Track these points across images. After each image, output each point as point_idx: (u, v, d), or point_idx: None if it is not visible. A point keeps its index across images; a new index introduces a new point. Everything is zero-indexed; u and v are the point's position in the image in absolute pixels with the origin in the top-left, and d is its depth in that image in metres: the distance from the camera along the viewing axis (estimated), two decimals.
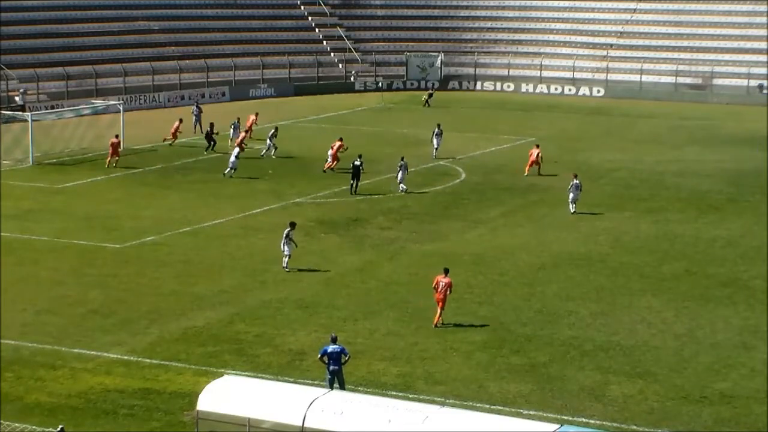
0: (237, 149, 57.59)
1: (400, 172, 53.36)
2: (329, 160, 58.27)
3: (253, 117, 67.71)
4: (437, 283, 34.20)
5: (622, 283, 39.09)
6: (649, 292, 37.94)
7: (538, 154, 58.37)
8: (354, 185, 52.88)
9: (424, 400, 27.28)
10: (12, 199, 50.66)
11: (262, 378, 27.96)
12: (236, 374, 27.48)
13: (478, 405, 27.49)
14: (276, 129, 63.81)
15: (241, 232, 45.69)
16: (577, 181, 49.54)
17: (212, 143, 63.71)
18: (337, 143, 58.78)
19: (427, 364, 30.86)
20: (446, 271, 34.67)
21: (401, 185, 53.22)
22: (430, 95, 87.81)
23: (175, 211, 49.02)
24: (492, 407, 27.47)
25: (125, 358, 30.84)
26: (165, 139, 65.34)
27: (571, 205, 49.45)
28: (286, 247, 39.42)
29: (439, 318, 34.04)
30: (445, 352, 31.80)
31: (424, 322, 34.30)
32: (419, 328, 33.81)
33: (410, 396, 27.75)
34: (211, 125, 64.46)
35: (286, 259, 39.49)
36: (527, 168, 58.27)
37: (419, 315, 35.03)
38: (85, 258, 41.30)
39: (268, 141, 62.41)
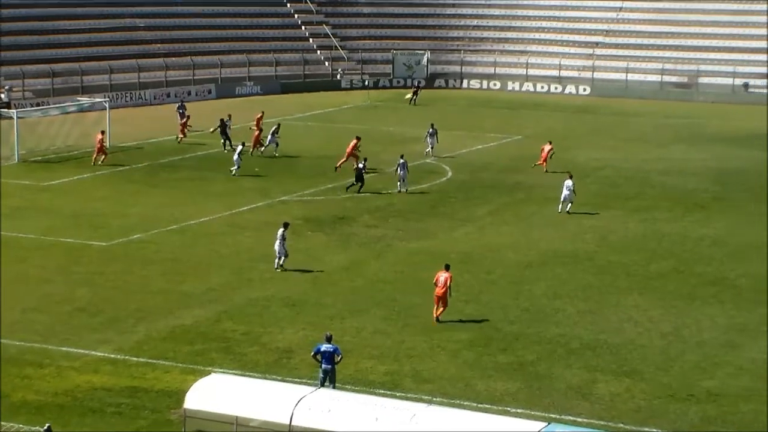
0: (240, 147, 57.35)
1: (401, 170, 52.88)
2: (344, 158, 57.70)
3: (259, 115, 67.66)
4: (437, 279, 34.31)
5: (609, 282, 39.18)
6: (636, 291, 38.03)
7: (549, 150, 58.65)
8: (353, 185, 52.50)
9: (412, 398, 27.25)
10: None
11: (250, 376, 27.90)
12: (223, 372, 27.46)
13: (465, 403, 27.47)
14: (278, 126, 63.84)
15: (228, 230, 45.64)
16: (571, 182, 49.39)
17: (227, 139, 63.50)
18: (353, 141, 58.34)
19: (414, 362, 30.88)
20: (447, 267, 34.84)
21: (403, 183, 52.79)
22: (416, 93, 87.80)
23: (162, 209, 48.93)
24: (479, 405, 27.49)
25: (112, 356, 30.77)
26: (179, 140, 65.45)
27: (560, 205, 49.34)
28: (278, 247, 39.18)
29: (440, 312, 34.20)
30: (433, 351, 31.82)
31: (411, 320, 34.33)
32: (406, 326, 33.83)
33: (397, 394, 27.72)
34: (222, 121, 64.36)
35: (278, 260, 39.20)
36: (544, 164, 58.60)
37: (406, 313, 35.06)
38: (71, 256, 41.20)
39: (269, 137, 62.24)
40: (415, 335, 33.09)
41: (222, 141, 63.59)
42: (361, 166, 53.26)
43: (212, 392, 23.33)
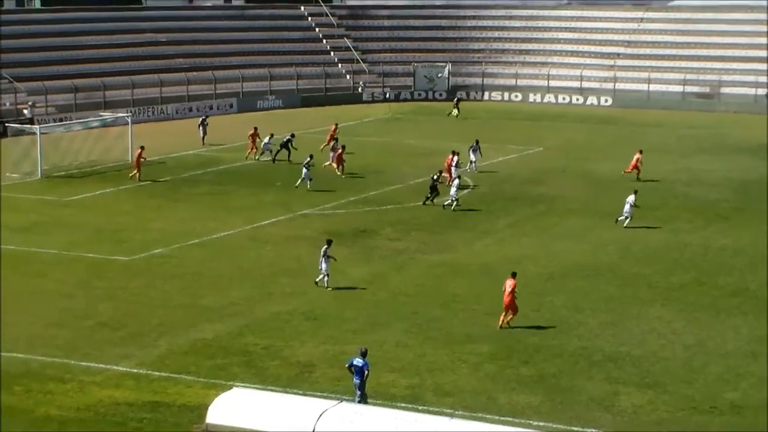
0: (308, 159, 56.85)
1: (455, 188, 52.27)
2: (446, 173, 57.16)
3: (333, 127, 68.01)
4: (505, 287, 34.90)
5: (631, 293, 39.04)
6: (658, 302, 37.89)
7: (638, 159, 59.44)
8: (429, 198, 52.71)
9: (433, 411, 27.25)
10: (21, 212, 50.76)
11: (271, 390, 27.97)
12: (245, 387, 27.45)
13: (487, 416, 27.45)
14: (336, 141, 63.78)
15: (250, 244, 45.71)
16: (633, 197, 49.02)
17: (288, 152, 63.83)
18: (450, 156, 57.97)
19: (435, 375, 30.84)
20: (513, 275, 35.29)
21: (455, 199, 52.24)
22: (456, 106, 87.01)
23: (183, 224, 49.06)
24: (501, 418, 27.44)
25: (134, 371, 30.85)
26: (247, 156, 65.43)
27: (621, 218, 48.87)
28: (324, 265, 38.88)
29: (504, 320, 34.78)
30: (454, 364, 31.77)
31: (433, 333, 34.31)
32: (428, 340, 33.80)
33: (419, 408, 27.74)
34: (292, 135, 65.04)
35: (325, 279, 38.81)
36: (635, 171, 59.40)
37: (428, 326, 35.04)
38: (93, 271, 41.34)
39: (330, 153, 62.01)
40: (436, 348, 33.06)
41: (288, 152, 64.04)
42: (435, 177, 53.27)
43: (234, 406, 23.39)
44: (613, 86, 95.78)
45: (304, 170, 56.22)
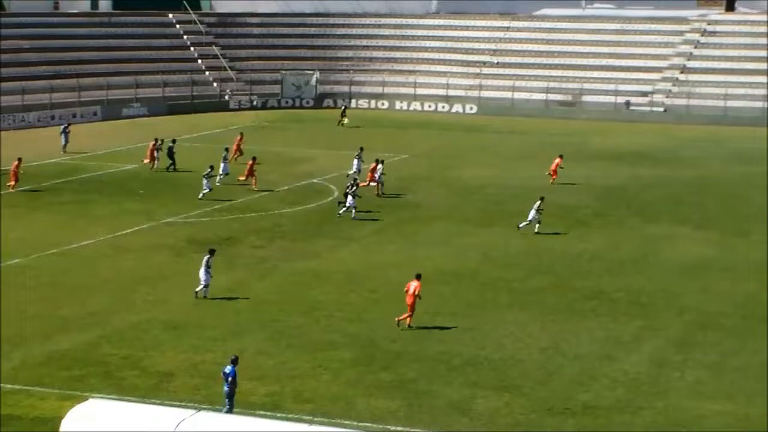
0: (209, 169, 56.17)
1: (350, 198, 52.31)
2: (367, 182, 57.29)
3: (239, 137, 67.78)
4: (408, 288, 35.79)
5: (490, 298, 39.67)
6: (516, 306, 38.56)
7: (558, 163, 61.85)
8: (341, 203, 52.69)
9: (293, 418, 27.33)
10: None
11: (128, 401, 27.66)
12: (102, 398, 27.10)
13: (346, 422, 27.59)
14: (226, 150, 63.13)
15: (111, 253, 45.14)
16: (539, 203, 50.12)
17: (173, 162, 63.17)
18: (373, 165, 58.18)
19: (296, 382, 30.90)
20: (418, 276, 36.23)
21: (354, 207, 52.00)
22: (344, 113, 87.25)
23: (43, 233, 48.13)
24: (360, 424, 27.63)
25: None
26: (143, 161, 64.28)
27: (524, 223, 49.78)
28: (204, 275, 38.48)
29: (404, 318, 35.68)
30: (314, 370, 31.88)
31: (295, 341, 34.37)
32: (289, 347, 33.84)
33: (278, 415, 27.74)
34: (174, 141, 64.54)
35: (201, 288, 38.43)
36: (553, 177, 61.65)
37: (289, 333, 35.09)
38: None
39: (222, 165, 60.89)
40: (297, 355, 33.12)
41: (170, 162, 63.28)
42: (349, 185, 53.02)
43: (89, 418, 23.01)
44: (479, 94, 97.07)
45: (205, 180, 55.63)
